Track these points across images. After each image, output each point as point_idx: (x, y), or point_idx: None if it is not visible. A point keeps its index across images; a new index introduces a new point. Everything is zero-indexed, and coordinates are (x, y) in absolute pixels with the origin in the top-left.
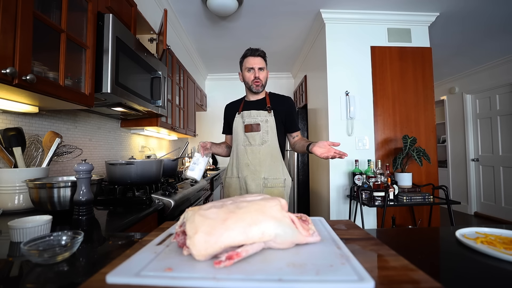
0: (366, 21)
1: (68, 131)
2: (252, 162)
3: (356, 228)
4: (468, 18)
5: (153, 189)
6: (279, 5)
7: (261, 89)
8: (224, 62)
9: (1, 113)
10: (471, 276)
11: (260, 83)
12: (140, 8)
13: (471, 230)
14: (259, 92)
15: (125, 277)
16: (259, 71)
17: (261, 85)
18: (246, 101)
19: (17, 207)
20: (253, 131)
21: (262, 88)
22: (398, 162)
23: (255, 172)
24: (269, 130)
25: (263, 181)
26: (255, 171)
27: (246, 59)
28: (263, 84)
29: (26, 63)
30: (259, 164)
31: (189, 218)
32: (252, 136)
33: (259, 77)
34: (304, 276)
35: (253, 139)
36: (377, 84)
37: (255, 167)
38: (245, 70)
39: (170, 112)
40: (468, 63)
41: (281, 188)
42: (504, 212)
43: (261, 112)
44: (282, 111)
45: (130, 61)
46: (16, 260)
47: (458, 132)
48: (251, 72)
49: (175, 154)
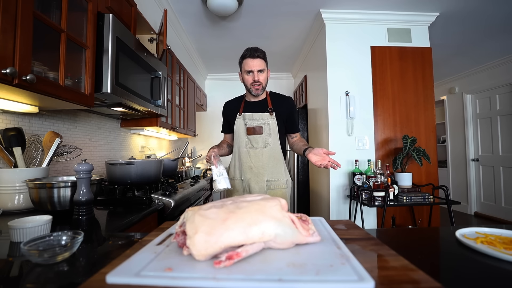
0: (366, 21)
1: (68, 131)
2: (255, 165)
3: (356, 228)
4: (468, 18)
5: (153, 189)
6: (279, 5)
7: (261, 93)
8: (224, 62)
9: (1, 113)
10: (471, 276)
11: (260, 86)
12: (140, 8)
13: (471, 230)
14: (259, 95)
15: (125, 277)
16: (258, 73)
17: (261, 88)
18: (247, 102)
19: (17, 207)
20: (255, 134)
21: (262, 91)
22: (398, 162)
23: (258, 175)
24: (271, 132)
25: (267, 184)
26: (258, 173)
27: (245, 60)
28: (263, 86)
29: (26, 63)
30: (262, 167)
31: (189, 218)
32: (255, 139)
33: (259, 80)
34: (304, 276)
35: (256, 142)
36: (377, 84)
37: (258, 170)
38: (244, 73)
39: (170, 112)
40: (468, 63)
41: (283, 189)
42: (504, 212)
43: (263, 115)
44: (284, 113)
45: (130, 61)
46: (16, 260)
47: (458, 132)
48: (250, 75)
49: (175, 154)
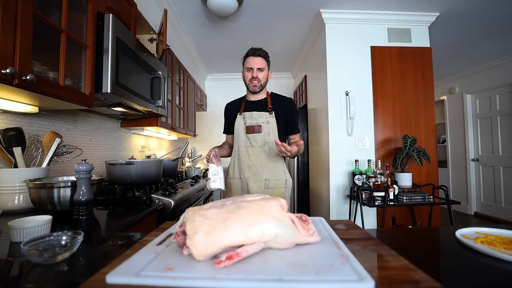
0: (366, 21)
1: (68, 131)
2: (254, 164)
3: (356, 228)
4: (468, 18)
5: (153, 189)
6: (279, 5)
7: (258, 89)
8: (224, 62)
9: (1, 113)
10: (471, 276)
11: (258, 84)
12: (140, 8)
13: (471, 230)
14: (256, 92)
15: (125, 277)
16: (257, 71)
17: (259, 86)
18: (247, 101)
19: (17, 207)
20: (254, 132)
21: (260, 89)
22: (398, 162)
23: (257, 174)
24: (270, 131)
25: (265, 182)
26: (257, 172)
27: (246, 58)
28: (261, 84)
29: (26, 63)
30: (261, 166)
31: (189, 218)
32: (254, 138)
33: (257, 77)
34: (304, 276)
35: (255, 140)
36: (377, 84)
37: (257, 169)
38: (245, 70)
39: (170, 112)
40: (468, 63)
41: (282, 189)
42: (504, 212)
43: (262, 114)
44: (283, 113)
45: (130, 61)
46: (16, 260)
47: (458, 132)
48: (250, 72)
49: (175, 154)
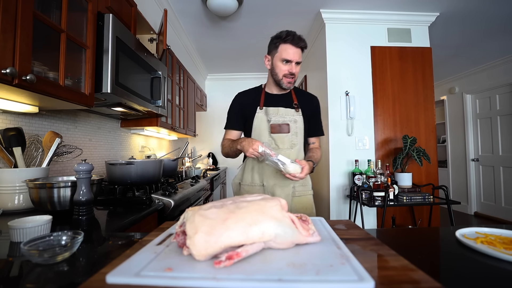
0: (366, 21)
1: (68, 131)
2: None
3: (356, 228)
4: (468, 18)
5: (153, 189)
6: (279, 5)
7: (292, 87)
8: (224, 62)
9: (1, 113)
10: (471, 276)
11: (293, 80)
12: (140, 8)
13: (471, 230)
14: (289, 89)
15: (125, 277)
16: (296, 66)
17: (294, 82)
18: (268, 94)
19: (17, 207)
20: (281, 132)
21: (293, 86)
22: (398, 162)
23: (285, 180)
24: (298, 131)
25: (292, 190)
26: (285, 179)
27: (284, 45)
28: (295, 80)
29: (26, 63)
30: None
31: (189, 218)
32: (281, 139)
33: (295, 73)
34: (304, 276)
35: (282, 142)
36: (377, 84)
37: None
38: (278, 59)
39: (170, 112)
40: (468, 63)
41: (309, 196)
42: (504, 212)
43: (289, 110)
44: (308, 111)
45: (130, 61)
46: (16, 260)
47: (458, 132)
48: (287, 64)
49: (175, 154)
